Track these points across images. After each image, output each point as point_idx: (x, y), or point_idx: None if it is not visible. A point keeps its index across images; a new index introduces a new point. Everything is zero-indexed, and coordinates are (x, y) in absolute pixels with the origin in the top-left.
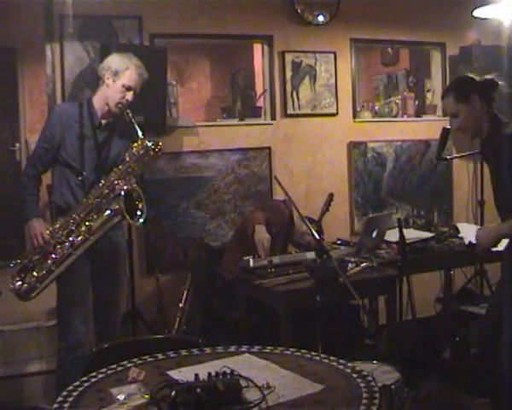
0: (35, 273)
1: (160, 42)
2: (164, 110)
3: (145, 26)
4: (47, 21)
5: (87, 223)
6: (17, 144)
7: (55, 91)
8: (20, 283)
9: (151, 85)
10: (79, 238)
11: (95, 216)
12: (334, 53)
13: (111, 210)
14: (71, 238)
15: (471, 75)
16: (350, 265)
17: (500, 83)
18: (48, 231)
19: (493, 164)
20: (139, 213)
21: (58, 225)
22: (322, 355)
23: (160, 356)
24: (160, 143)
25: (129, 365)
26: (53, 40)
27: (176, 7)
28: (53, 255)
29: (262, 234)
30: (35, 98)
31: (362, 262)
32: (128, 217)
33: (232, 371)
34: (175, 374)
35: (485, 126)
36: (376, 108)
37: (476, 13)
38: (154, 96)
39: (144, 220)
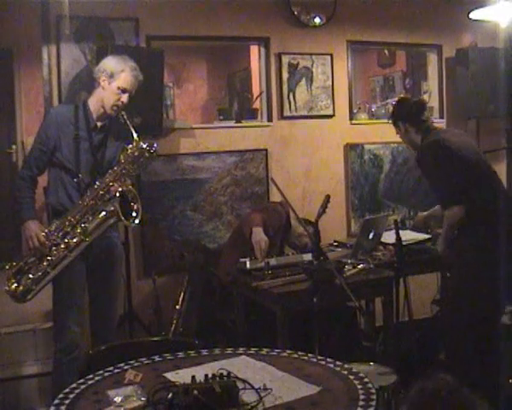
0: (31, 275)
1: (157, 44)
2: (160, 112)
3: (142, 27)
4: (44, 23)
5: (82, 224)
6: (13, 146)
7: (51, 93)
8: (15, 285)
9: (148, 87)
10: (75, 240)
11: (90, 218)
12: (331, 55)
13: (106, 211)
14: (66, 240)
15: (402, 100)
16: (347, 267)
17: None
18: (43, 233)
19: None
20: (134, 214)
21: (53, 227)
22: (319, 357)
23: (157, 358)
24: (155, 145)
25: (126, 367)
26: (49, 42)
27: (172, 9)
28: (48, 257)
29: (260, 236)
30: (31, 100)
31: (359, 264)
32: (123, 218)
33: (229, 373)
34: (172, 376)
35: (419, 141)
36: (373, 109)
37: (473, 15)
38: (150, 97)
39: (140, 221)
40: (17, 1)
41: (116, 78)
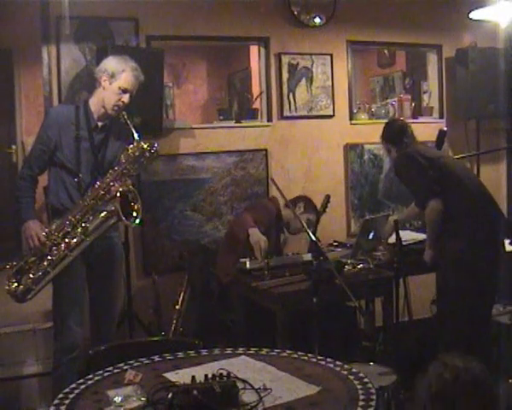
0: (31, 275)
1: (157, 44)
2: (160, 112)
3: (142, 27)
4: (43, 23)
5: (83, 224)
6: (13, 146)
7: (51, 93)
8: (15, 284)
9: (148, 87)
10: (75, 240)
11: (90, 217)
12: (331, 55)
13: (107, 211)
14: (67, 240)
15: (390, 122)
16: (346, 267)
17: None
18: (44, 233)
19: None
20: (135, 213)
21: (54, 227)
22: (319, 357)
23: (157, 358)
24: (156, 145)
25: (125, 367)
26: (49, 42)
27: (172, 9)
28: (49, 257)
29: (258, 236)
30: (31, 100)
31: (358, 264)
32: (124, 218)
33: (229, 373)
34: (172, 376)
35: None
36: (373, 109)
37: (472, 15)
38: (150, 98)
39: (140, 221)
40: (17, 1)
41: (117, 78)
